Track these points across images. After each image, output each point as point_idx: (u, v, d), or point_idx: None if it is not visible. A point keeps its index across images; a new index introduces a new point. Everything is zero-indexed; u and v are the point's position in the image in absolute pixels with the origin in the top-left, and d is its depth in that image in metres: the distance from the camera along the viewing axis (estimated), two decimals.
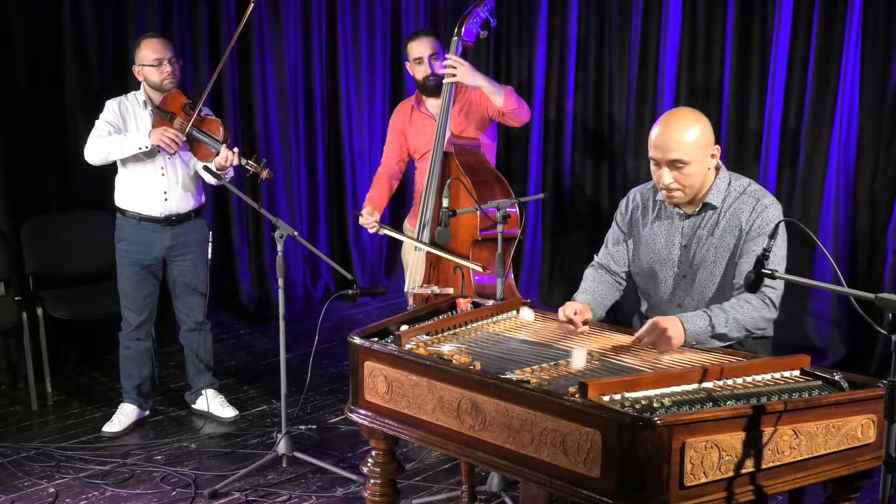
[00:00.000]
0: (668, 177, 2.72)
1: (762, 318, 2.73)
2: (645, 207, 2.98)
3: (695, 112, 2.78)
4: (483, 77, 4.11)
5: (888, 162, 4.76)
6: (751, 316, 2.70)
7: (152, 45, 4.12)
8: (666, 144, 2.69)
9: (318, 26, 6.20)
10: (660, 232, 2.92)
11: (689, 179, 2.73)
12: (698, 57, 5.36)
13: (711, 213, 2.83)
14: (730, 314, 2.67)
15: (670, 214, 2.90)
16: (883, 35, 4.67)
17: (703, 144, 2.72)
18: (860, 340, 4.89)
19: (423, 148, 4.29)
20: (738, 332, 2.70)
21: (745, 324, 2.69)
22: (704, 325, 2.64)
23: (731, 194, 2.82)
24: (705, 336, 2.65)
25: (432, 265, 4.20)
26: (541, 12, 6.06)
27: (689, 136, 2.69)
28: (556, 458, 2.14)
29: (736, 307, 2.69)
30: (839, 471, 2.28)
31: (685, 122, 2.71)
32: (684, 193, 2.77)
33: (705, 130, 2.73)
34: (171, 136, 4.00)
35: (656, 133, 2.72)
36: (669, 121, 2.73)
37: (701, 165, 2.73)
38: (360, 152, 6.54)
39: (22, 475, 3.84)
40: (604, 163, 6.00)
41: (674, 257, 2.89)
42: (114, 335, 4.44)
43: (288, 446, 3.86)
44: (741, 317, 2.68)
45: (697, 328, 2.63)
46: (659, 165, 2.74)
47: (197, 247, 4.34)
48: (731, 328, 2.67)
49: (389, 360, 2.57)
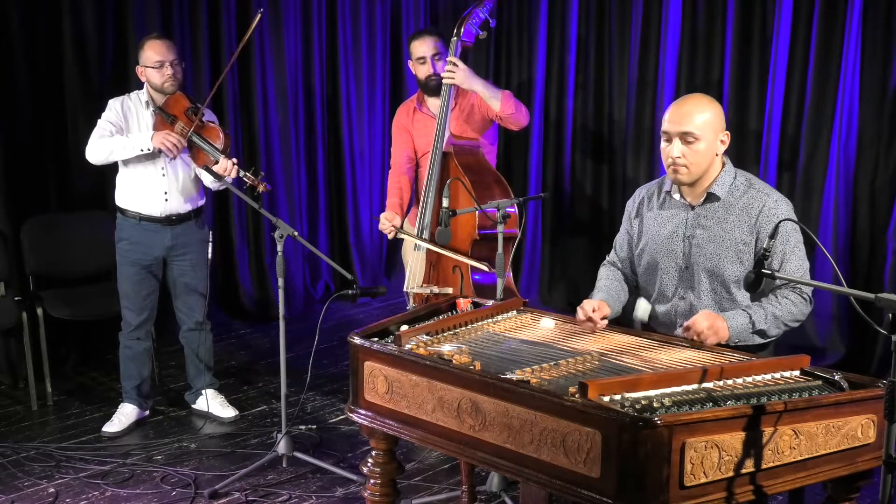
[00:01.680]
0: (677, 150, 2.79)
1: (800, 313, 2.80)
2: (650, 200, 3.03)
3: (710, 98, 2.87)
4: (480, 81, 4.11)
5: (888, 162, 4.76)
6: (789, 311, 2.77)
7: (155, 46, 4.12)
8: (680, 118, 2.78)
9: (318, 26, 6.20)
10: (664, 223, 2.95)
11: (697, 157, 2.79)
12: (698, 57, 5.37)
13: (717, 204, 2.86)
14: (768, 310, 2.76)
15: (675, 205, 2.94)
16: (883, 35, 4.67)
17: (715, 126, 2.79)
18: (860, 340, 4.90)
19: (424, 147, 4.30)
20: (776, 328, 2.78)
21: (783, 319, 2.77)
22: (745, 322, 2.72)
23: (738, 188, 2.86)
24: (746, 333, 2.74)
25: (432, 265, 4.20)
26: (541, 12, 6.06)
27: (703, 115, 2.77)
28: (556, 458, 2.14)
29: (773, 303, 2.77)
30: (839, 471, 2.28)
31: (701, 103, 2.81)
32: (689, 170, 2.81)
33: (718, 115, 2.82)
34: (174, 142, 4.00)
35: (671, 108, 2.82)
36: (686, 99, 2.84)
37: (710, 145, 2.79)
38: (360, 153, 6.54)
39: (22, 475, 3.84)
40: (604, 163, 6.01)
41: (676, 248, 2.91)
42: (114, 335, 4.44)
43: (288, 446, 3.86)
44: (779, 312, 2.76)
45: (739, 325, 2.71)
46: (670, 140, 2.81)
47: (197, 247, 4.34)
48: (769, 324, 2.75)
49: (389, 360, 2.57)
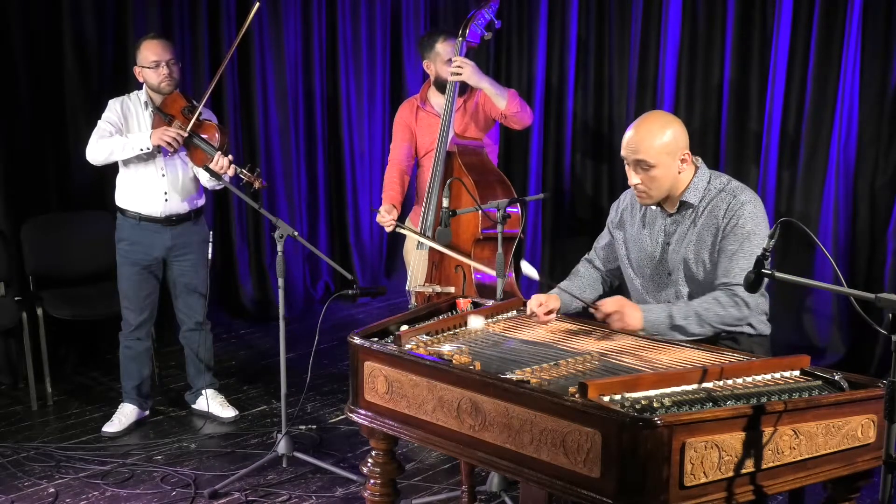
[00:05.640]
0: (636, 178, 2.80)
1: (729, 315, 2.74)
2: (633, 207, 3.04)
3: (667, 116, 2.85)
4: (487, 79, 4.14)
5: (888, 162, 4.76)
6: (715, 312, 2.72)
7: (151, 46, 4.12)
8: (634, 146, 2.76)
9: (318, 26, 6.20)
10: (645, 231, 2.97)
11: (655, 182, 2.79)
12: (698, 57, 5.37)
13: (690, 210, 2.87)
14: (692, 307, 2.73)
15: (655, 214, 2.95)
16: (883, 35, 4.67)
17: (670, 150, 2.76)
18: (860, 340, 4.89)
19: (427, 146, 4.30)
20: (699, 326, 2.72)
21: (707, 318, 2.72)
22: (663, 316, 2.71)
23: (710, 192, 2.85)
24: (664, 327, 2.71)
25: (434, 264, 4.20)
26: (541, 12, 6.06)
27: (657, 141, 2.74)
28: (556, 458, 2.13)
29: (701, 302, 2.74)
30: (839, 471, 2.27)
31: (655, 126, 2.77)
32: (650, 196, 2.83)
33: (675, 135, 2.77)
34: (172, 136, 4.00)
35: (627, 135, 2.79)
36: (641, 124, 2.80)
37: (667, 169, 2.78)
38: (360, 153, 6.53)
39: (22, 475, 3.84)
40: (604, 163, 6.01)
41: (657, 255, 2.93)
42: (114, 335, 4.44)
43: (288, 446, 3.86)
44: (703, 311, 2.72)
45: (655, 318, 2.70)
46: (628, 165, 2.81)
47: (197, 247, 4.34)
48: (690, 322, 2.71)
49: (389, 360, 2.57)
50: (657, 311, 2.72)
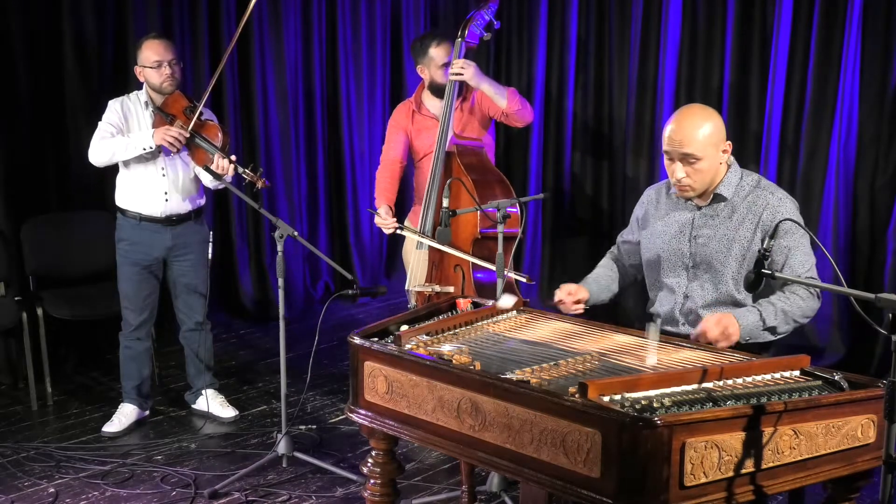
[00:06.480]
0: (681, 171, 2.82)
1: (809, 308, 2.81)
2: (658, 201, 3.07)
3: (707, 108, 2.88)
4: (487, 79, 4.16)
5: (888, 162, 4.76)
6: (798, 306, 2.78)
7: (153, 46, 4.12)
8: (679, 140, 2.79)
9: (318, 26, 6.20)
10: (671, 224, 3.00)
11: (701, 175, 2.83)
12: (698, 57, 5.36)
13: (723, 204, 2.89)
14: (777, 306, 2.77)
15: (682, 206, 2.98)
16: (883, 35, 4.67)
17: (714, 141, 2.81)
18: (860, 340, 4.89)
19: (424, 149, 4.31)
20: (786, 324, 2.79)
21: (793, 315, 2.78)
22: (755, 319, 2.74)
23: (744, 188, 2.89)
24: (757, 330, 2.75)
25: (434, 264, 4.20)
26: (541, 12, 6.06)
27: (702, 133, 2.78)
28: (556, 458, 2.13)
29: (782, 299, 2.79)
30: (839, 471, 2.27)
31: (697, 119, 2.81)
32: (695, 189, 2.87)
33: (717, 127, 2.82)
34: (174, 135, 4.00)
35: (670, 129, 2.82)
36: (683, 117, 2.83)
37: (713, 161, 2.82)
38: (360, 153, 6.54)
39: (22, 475, 3.84)
40: (604, 163, 6.00)
41: (684, 248, 2.95)
42: (114, 335, 4.44)
43: (288, 446, 3.86)
44: (788, 308, 2.77)
45: (749, 323, 2.73)
46: (672, 160, 2.83)
47: (197, 247, 4.34)
48: (779, 321, 2.76)
49: (389, 360, 2.57)
50: (749, 315, 2.75)
